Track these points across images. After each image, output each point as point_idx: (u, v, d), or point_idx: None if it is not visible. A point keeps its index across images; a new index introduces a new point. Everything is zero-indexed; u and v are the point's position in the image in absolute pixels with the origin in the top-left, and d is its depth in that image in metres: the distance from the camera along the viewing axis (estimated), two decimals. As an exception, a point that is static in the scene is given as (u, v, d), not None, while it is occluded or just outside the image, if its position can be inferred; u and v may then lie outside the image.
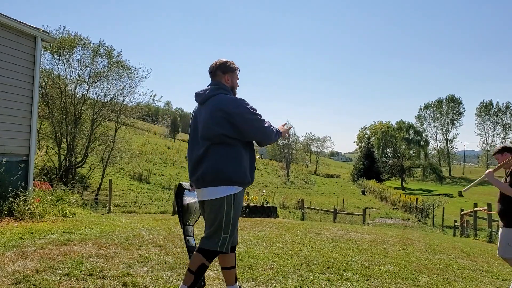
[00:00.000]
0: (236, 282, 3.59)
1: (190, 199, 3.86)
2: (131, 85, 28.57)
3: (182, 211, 3.87)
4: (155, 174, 39.06)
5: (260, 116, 3.34)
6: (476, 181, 5.01)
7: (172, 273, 4.42)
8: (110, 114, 28.60)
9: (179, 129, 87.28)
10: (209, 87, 3.49)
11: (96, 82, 27.10)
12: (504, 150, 4.78)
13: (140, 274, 4.31)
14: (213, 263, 4.96)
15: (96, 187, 28.47)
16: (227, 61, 3.54)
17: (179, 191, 3.90)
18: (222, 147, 3.27)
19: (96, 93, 27.64)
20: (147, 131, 72.54)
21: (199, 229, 7.03)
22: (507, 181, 4.53)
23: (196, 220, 3.96)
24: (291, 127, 3.85)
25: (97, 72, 26.91)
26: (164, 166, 44.84)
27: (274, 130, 3.43)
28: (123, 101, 28.89)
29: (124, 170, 36.44)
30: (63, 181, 13.82)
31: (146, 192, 31.35)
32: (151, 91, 41.73)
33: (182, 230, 3.90)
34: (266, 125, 3.35)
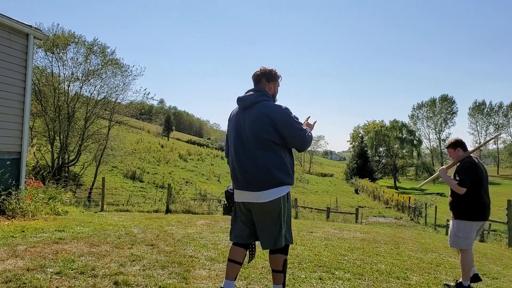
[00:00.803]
0: (234, 279, 3.67)
1: None
2: (125, 83, 28.65)
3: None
4: (148, 173, 39.00)
5: (302, 124, 3.54)
6: (430, 177, 5.24)
7: (164, 271, 4.42)
8: (103, 112, 28.58)
9: (173, 127, 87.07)
10: (252, 92, 3.64)
11: (89, 80, 27.07)
12: (457, 145, 5.05)
13: (131, 272, 4.30)
14: (204, 261, 4.97)
15: (89, 186, 28.41)
16: (272, 69, 3.71)
17: (228, 195, 4.06)
18: (269, 151, 3.45)
19: (89, 91, 27.65)
20: (140, 129, 72.35)
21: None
22: (456, 179, 4.77)
23: None
24: (315, 121, 4.00)
25: (90, 70, 26.87)
26: (158, 165, 44.78)
27: (311, 136, 3.62)
28: (117, 99, 28.95)
29: (117, 169, 36.37)
30: (55, 179, 13.75)
31: (139, 191, 31.31)
32: (145, 89, 41.74)
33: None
34: (306, 133, 3.53)
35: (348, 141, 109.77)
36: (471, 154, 4.99)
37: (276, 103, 3.65)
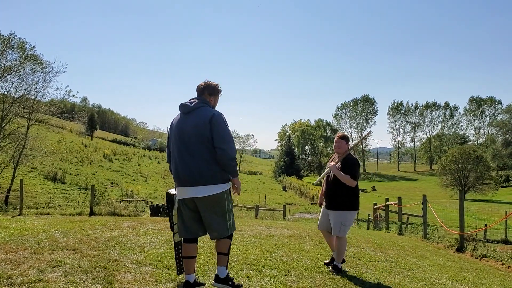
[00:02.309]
0: (194, 272, 4.13)
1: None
2: (45, 80, 27.30)
3: (172, 214, 4.31)
4: (70, 174, 37.44)
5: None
6: (323, 174, 5.60)
7: (87, 277, 4.27)
8: (21, 111, 27.06)
9: (97, 126, 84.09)
10: (195, 100, 4.08)
11: (5, 76, 25.51)
12: (348, 140, 5.61)
13: (52, 279, 4.12)
14: (130, 264, 4.88)
15: (6, 188, 26.80)
16: (215, 85, 4.20)
17: (169, 198, 4.35)
18: (210, 150, 3.88)
19: (5, 88, 26.05)
20: (62, 128, 69.10)
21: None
22: (352, 173, 5.32)
23: None
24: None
25: (6, 66, 25.34)
26: (81, 165, 43.12)
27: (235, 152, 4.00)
28: (36, 96, 27.50)
29: (37, 170, 34.59)
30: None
31: (61, 193, 30.00)
32: (66, 86, 39.72)
33: (173, 232, 4.33)
34: (232, 143, 3.97)
35: (276, 140, 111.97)
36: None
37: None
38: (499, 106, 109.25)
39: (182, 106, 4.04)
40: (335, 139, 5.65)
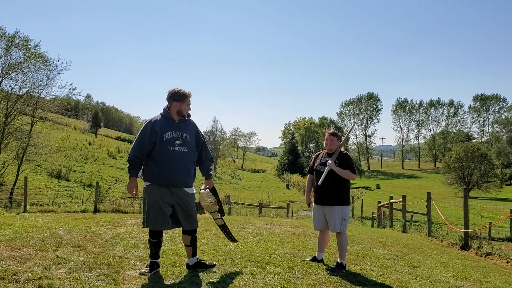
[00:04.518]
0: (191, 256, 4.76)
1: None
2: (49, 78, 27.32)
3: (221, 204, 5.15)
4: (75, 171, 37.52)
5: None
6: (324, 173, 5.49)
7: (92, 273, 4.27)
8: (25, 108, 27.11)
9: (101, 123, 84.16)
10: None
11: (10, 74, 25.55)
12: (338, 137, 5.70)
13: (57, 276, 4.12)
14: (134, 261, 4.88)
15: (10, 185, 26.92)
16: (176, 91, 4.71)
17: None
18: None
19: (10, 86, 26.09)
20: (66, 125, 69.17)
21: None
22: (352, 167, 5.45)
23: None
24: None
25: (11, 64, 25.38)
26: (85, 163, 43.18)
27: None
28: (40, 94, 27.53)
29: (41, 167, 34.69)
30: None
31: (66, 190, 30.07)
32: (71, 84, 39.76)
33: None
34: (133, 145, 4.67)
35: (279, 138, 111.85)
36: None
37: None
38: (503, 104, 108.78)
39: None
40: (326, 136, 5.71)
